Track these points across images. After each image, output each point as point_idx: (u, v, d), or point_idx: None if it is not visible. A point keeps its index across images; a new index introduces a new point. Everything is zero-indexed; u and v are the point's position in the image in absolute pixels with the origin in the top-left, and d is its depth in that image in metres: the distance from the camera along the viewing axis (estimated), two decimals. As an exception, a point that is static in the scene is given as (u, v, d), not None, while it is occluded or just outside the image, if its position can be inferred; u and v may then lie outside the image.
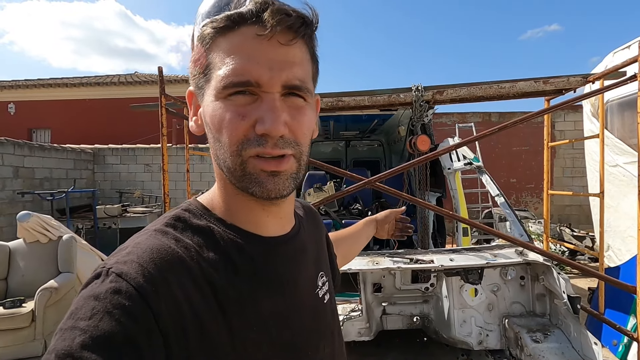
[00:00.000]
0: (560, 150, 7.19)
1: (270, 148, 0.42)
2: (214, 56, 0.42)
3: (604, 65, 3.26)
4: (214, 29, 0.42)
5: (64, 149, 7.28)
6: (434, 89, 2.42)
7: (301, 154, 0.45)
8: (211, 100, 0.43)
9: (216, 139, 0.44)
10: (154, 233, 0.43)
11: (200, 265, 0.42)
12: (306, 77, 0.44)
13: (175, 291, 0.38)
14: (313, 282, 0.56)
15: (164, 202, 2.33)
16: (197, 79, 0.45)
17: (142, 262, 0.38)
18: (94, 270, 0.39)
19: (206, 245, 0.44)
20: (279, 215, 0.51)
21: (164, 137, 2.34)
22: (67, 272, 3.35)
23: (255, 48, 0.41)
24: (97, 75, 12.50)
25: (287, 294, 0.49)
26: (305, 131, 0.45)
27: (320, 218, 0.72)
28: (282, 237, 0.52)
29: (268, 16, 0.40)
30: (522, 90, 2.29)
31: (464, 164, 2.90)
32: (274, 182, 0.43)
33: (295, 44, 0.43)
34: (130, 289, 0.35)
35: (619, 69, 2.03)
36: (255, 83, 0.41)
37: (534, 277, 2.11)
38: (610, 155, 3.10)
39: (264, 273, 0.47)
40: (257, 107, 0.41)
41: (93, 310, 0.34)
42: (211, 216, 0.48)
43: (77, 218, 6.03)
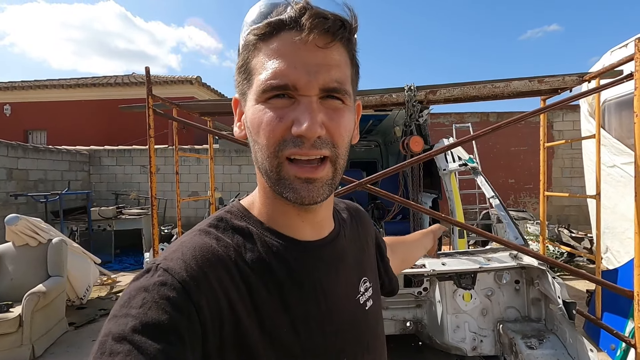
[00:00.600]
0: (559, 150, 7.14)
1: (307, 149, 0.42)
2: (255, 62, 0.44)
3: (602, 64, 3.21)
4: (256, 35, 0.44)
5: (58, 151, 7.23)
6: (427, 88, 2.37)
7: (337, 156, 0.45)
8: (252, 105, 0.45)
9: (255, 141, 0.45)
10: (198, 233, 0.47)
11: (237, 264, 0.45)
12: (344, 80, 0.44)
13: (214, 287, 0.41)
14: (353, 288, 0.56)
15: (151, 206, 2.27)
16: (241, 85, 0.47)
17: (186, 259, 0.42)
18: (146, 266, 0.43)
19: (244, 245, 0.47)
20: (315, 220, 0.52)
21: (152, 139, 2.29)
22: (57, 275, 3.30)
23: (293, 52, 0.42)
24: (95, 76, 12.44)
25: (322, 299, 0.49)
26: (343, 133, 0.45)
27: (368, 220, 0.70)
28: (319, 242, 0.52)
29: (305, 20, 0.41)
30: (517, 89, 2.24)
31: (459, 165, 2.85)
32: (308, 190, 0.43)
33: (334, 46, 0.43)
34: (175, 283, 0.39)
35: (615, 67, 1.98)
36: (293, 87, 0.42)
37: (529, 281, 2.05)
38: (607, 155, 3.05)
39: (298, 277, 0.48)
40: (294, 109, 0.42)
41: (143, 300, 0.38)
42: (250, 218, 0.50)
43: (71, 220, 5.97)
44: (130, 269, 5.72)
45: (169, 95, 9.49)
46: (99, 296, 4.36)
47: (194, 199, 3.45)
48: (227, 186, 7.70)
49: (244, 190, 7.68)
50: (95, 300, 4.24)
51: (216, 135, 2.59)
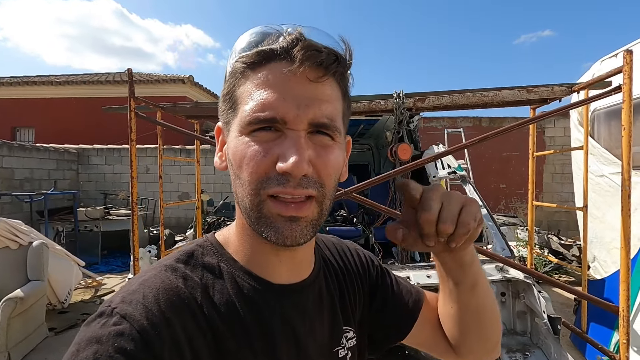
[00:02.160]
0: (549, 156, 7.17)
1: (291, 188, 0.39)
2: (242, 90, 0.42)
3: (592, 73, 3.21)
4: (244, 63, 0.41)
5: (46, 149, 7.09)
6: (416, 96, 2.34)
7: (324, 197, 0.42)
8: (235, 136, 0.42)
9: (237, 175, 0.42)
10: (164, 269, 0.43)
11: (204, 308, 0.41)
12: (335, 116, 0.42)
13: (178, 336, 0.38)
14: (331, 339, 0.51)
15: (132, 210, 2.21)
16: (225, 114, 0.44)
17: (147, 302, 0.38)
18: (99, 308, 0.39)
19: (213, 286, 0.43)
20: (294, 261, 0.48)
21: (133, 143, 2.22)
22: (37, 280, 3.21)
23: (282, 84, 0.39)
24: (85, 73, 12.27)
25: (294, 352, 0.45)
26: (331, 171, 0.42)
27: (355, 251, 0.62)
28: (295, 286, 0.48)
29: (297, 52, 0.39)
30: (506, 99, 2.22)
31: (448, 173, 2.82)
32: (291, 229, 0.40)
33: (326, 81, 0.41)
34: (134, 333, 0.35)
35: (604, 79, 1.96)
36: (281, 120, 0.39)
37: (515, 294, 2.03)
38: (596, 164, 3.05)
39: (269, 325, 0.44)
40: (280, 143, 0.39)
41: (95, 355, 0.34)
42: (224, 255, 0.47)
43: (57, 220, 5.86)
44: (117, 270, 5.62)
45: (160, 95, 9.39)
46: (82, 299, 4.27)
47: (178, 203, 3.39)
48: (218, 187, 7.62)
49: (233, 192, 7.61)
50: (78, 303, 4.15)
51: (201, 141, 2.53)
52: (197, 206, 3.08)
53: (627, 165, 1.74)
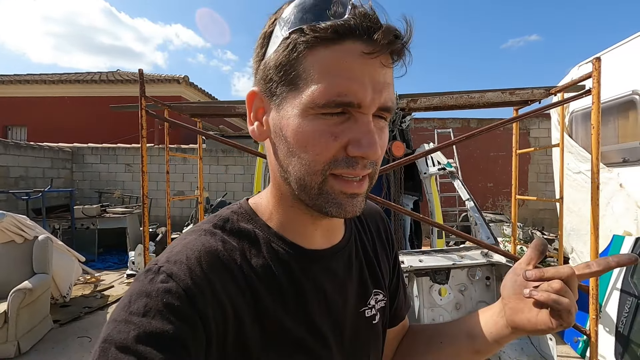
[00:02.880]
0: (534, 156, 7.47)
1: (359, 169, 0.41)
2: (308, 66, 0.39)
3: (570, 77, 3.45)
4: (316, 37, 0.38)
5: (40, 148, 7.11)
6: (409, 97, 2.52)
7: (375, 173, 0.44)
8: (296, 114, 0.40)
9: (293, 153, 0.41)
10: (203, 233, 0.45)
11: (243, 269, 0.44)
12: (394, 99, 0.43)
13: (219, 294, 0.40)
14: (361, 300, 0.54)
15: (142, 204, 2.34)
16: (275, 84, 0.41)
17: (191, 264, 0.40)
18: (147, 265, 0.41)
19: (250, 250, 0.46)
20: (327, 228, 0.51)
21: (144, 139, 2.35)
22: (42, 273, 3.31)
23: (360, 67, 0.38)
24: (78, 72, 12.21)
25: (326, 310, 0.48)
26: (383, 151, 0.44)
27: (387, 226, 0.65)
28: (327, 251, 0.51)
29: (380, 35, 0.37)
30: (490, 100, 2.42)
31: (437, 169, 3.02)
32: (352, 204, 0.42)
33: (392, 66, 0.42)
34: (179, 291, 0.38)
35: (577, 83, 2.17)
36: (357, 105, 0.39)
37: (499, 278, 2.23)
38: (574, 162, 3.29)
39: (303, 287, 0.47)
40: (350, 127, 0.39)
41: (146, 307, 0.36)
42: (257, 221, 0.49)
43: (53, 218, 5.90)
44: (113, 267, 5.69)
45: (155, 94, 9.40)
46: (82, 294, 4.36)
47: (182, 198, 3.50)
48: (214, 186, 7.73)
49: (230, 191, 7.72)
50: (79, 298, 4.23)
51: (205, 137, 2.67)
52: (200, 201, 3.21)
53: (596, 160, 1.95)
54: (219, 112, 2.85)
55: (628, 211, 2.79)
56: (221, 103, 2.96)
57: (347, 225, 0.56)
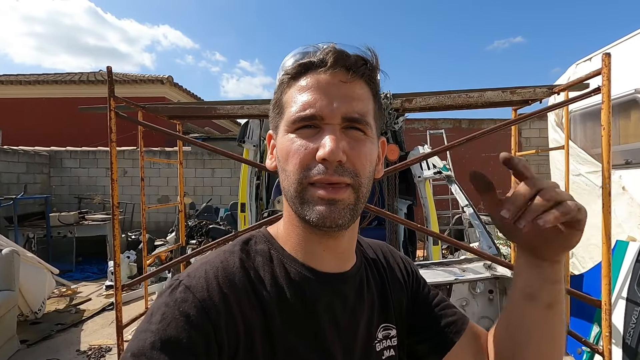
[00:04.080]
0: (526, 157, 7.42)
1: (329, 175, 0.44)
2: (286, 97, 0.49)
3: (567, 76, 3.33)
4: (288, 75, 0.49)
5: (15, 152, 6.75)
6: (403, 96, 2.35)
7: (360, 185, 0.46)
8: (282, 135, 0.48)
9: (283, 169, 0.48)
10: (222, 252, 0.49)
11: (256, 288, 0.46)
12: (366, 112, 0.47)
13: (233, 309, 0.43)
14: (370, 332, 0.53)
15: (112, 215, 2.12)
16: (274, 119, 0.51)
17: (208, 278, 0.44)
18: (169, 283, 0.45)
19: (264, 269, 0.48)
20: (337, 251, 0.51)
21: (113, 144, 2.13)
22: (7, 289, 3.03)
23: (319, 87, 0.46)
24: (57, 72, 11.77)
25: (336, 335, 0.49)
26: (364, 162, 0.46)
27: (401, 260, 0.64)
28: (338, 275, 0.52)
29: (329, 57, 0.46)
30: (490, 99, 2.26)
31: (433, 173, 2.86)
32: (330, 210, 0.44)
33: (356, 82, 0.47)
34: (195, 301, 0.41)
35: (583, 81, 2.03)
36: (319, 116, 0.45)
37: (502, 291, 2.07)
38: (573, 164, 3.17)
39: (313, 309, 0.48)
40: (319, 137, 0.45)
41: (163, 316, 0.40)
42: (273, 243, 0.52)
43: (27, 226, 5.57)
44: (92, 278, 5.40)
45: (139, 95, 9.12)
46: (56, 309, 4.07)
47: (161, 206, 3.28)
48: (200, 190, 7.47)
49: (217, 195, 7.47)
50: (52, 313, 3.95)
51: (185, 141, 2.46)
52: (180, 209, 2.99)
53: (607, 164, 1.80)
54: (198, 113, 2.63)
55: (631, 215, 2.67)
56: (201, 104, 2.74)
57: (357, 254, 0.57)
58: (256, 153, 3.50)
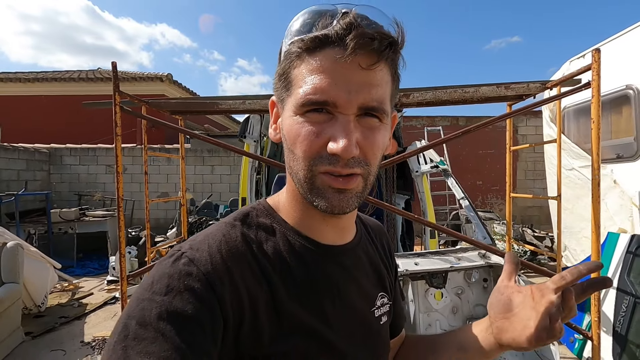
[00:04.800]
0: (522, 153, 7.50)
1: (340, 167, 0.42)
2: (296, 73, 0.44)
3: (562, 72, 3.40)
4: (300, 47, 0.43)
5: (15, 149, 6.78)
6: (401, 92, 2.41)
7: (369, 174, 0.45)
8: (289, 115, 0.45)
9: (290, 150, 0.46)
10: (224, 225, 0.49)
11: (260, 260, 0.46)
12: (384, 99, 0.44)
13: (237, 282, 0.42)
14: (370, 300, 0.56)
15: (117, 207, 2.17)
16: (280, 91, 0.47)
17: (212, 251, 0.44)
18: (170, 251, 0.44)
19: (267, 242, 0.48)
20: (339, 226, 0.53)
21: (118, 138, 2.18)
22: (12, 282, 3.08)
23: (335, 70, 0.41)
24: (56, 70, 11.76)
25: (338, 304, 0.50)
26: (376, 151, 0.45)
27: (389, 241, 0.69)
28: (340, 247, 0.53)
29: (350, 40, 0.40)
30: (485, 95, 2.32)
31: (430, 167, 2.92)
32: (339, 199, 0.44)
33: (378, 67, 0.42)
34: (200, 275, 0.41)
35: (574, 76, 2.09)
36: (332, 104, 0.42)
37: (496, 279, 2.13)
38: (567, 159, 3.24)
39: (316, 279, 0.49)
40: (331, 125, 0.42)
41: (168, 287, 0.39)
42: (275, 216, 0.51)
43: (28, 223, 5.61)
44: (93, 273, 5.44)
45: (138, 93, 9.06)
46: (59, 303, 4.12)
47: (164, 200, 3.32)
48: (199, 187, 7.51)
49: (216, 191, 7.52)
50: (55, 307, 4.00)
51: (188, 135, 2.51)
52: (182, 203, 3.04)
53: (597, 156, 1.87)
54: (200, 108, 2.68)
55: (622, 208, 2.74)
56: (203, 99, 2.79)
57: (357, 227, 0.59)
58: (257, 148, 3.56)
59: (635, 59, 2.70)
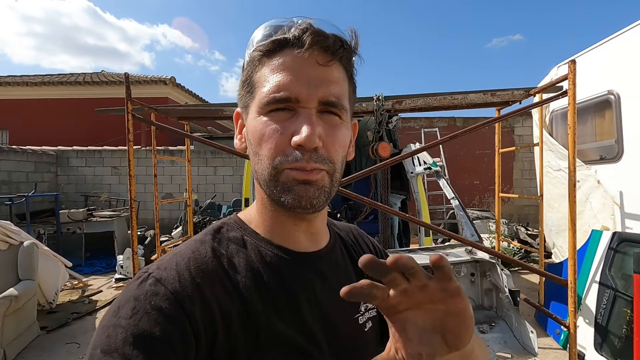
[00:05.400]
0: (519, 153, 7.64)
1: (304, 162, 0.43)
2: (258, 76, 0.46)
3: (550, 77, 3.55)
4: (261, 52, 0.46)
5: (23, 151, 6.97)
6: (394, 98, 2.57)
7: (334, 171, 0.46)
8: (254, 117, 0.46)
9: (255, 152, 0.46)
10: (193, 242, 0.48)
11: (230, 275, 0.45)
12: (342, 95, 0.46)
13: (207, 298, 0.41)
14: (354, 305, 0.53)
15: (130, 208, 2.34)
16: (244, 98, 0.49)
17: (180, 269, 0.43)
18: (137, 273, 0.43)
19: (238, 255, 0.47)
20: (310, 231, 0.52)
21: (131, 143, 2.35)
22: (28, 279, 3.26)
23: (294, 67, 0.44)
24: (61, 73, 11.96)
25: (317, 313, 0.48)
26: (339, 148, 0.46)
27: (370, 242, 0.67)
28: (315, 253, 0.52)
29: (306, 37, 0.43)
30: (473, 101, 2.48)
31: (424, 169, 3.08)
32: (305, 190, 0.44)
33: (333, 65, 0.45)
34: (167, 293, 0.40)
35: (554, 84, 2.25)
36: (294, 99, 0.43)
37: (482, 274, 2.30)
38: (554, 160, 3.39)
39: (291, 288, 0.47)
40: (294, 121, 0.44)
41: (134, 310, 0.38)
42: (246, 229, 0.51)
43: (38, 223, 5.79)
44: (101, 272, 5.62)
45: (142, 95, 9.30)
46: (70, 300, 4.30)
47: (170, 201, 3.50)
48: (202, 187, 7.68)
49: (219, 192, 7.69)
50: (66, 304, 4.17)
51: (193, 139, 2.68)
52: (189, 204, 3.21)
53: (573, 159, 2.03)
54: (206, 115, 2.85)
55: (605, 207, 2.89)
56: (209, 106, 2.96)
57: (331, 232, 0.58)
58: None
59: (615, 65, 2.85)
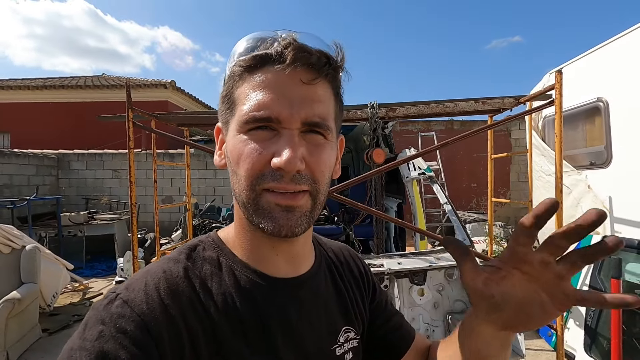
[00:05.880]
0: (515, 157, 7.72)
1: (285, 183, 0.41)
2: (239, 92, 0.44)
3: (542, 84, 3.62)
4: (242, 67, 0.44)
5: (25, 155, 7.04)
6: (388, 106, 2.64)
7: (317, 192, 0.44)
8: (233, 135, 0.44)
9: (234, 171, 0.44)
10: (167, 261, 0.46)
11: (202, 297, 0.43)
12: (327, 115, 0.44)
13: (176, 320, 0.40)
14: (330, 336, 0.51)
15: (131, 213, 2.40)
16: (224, 114, 0.46)
17: (148, 289, 0.41)
18: (106, 294, 0.42)
19: (212, 277, 0.45)
20: (291, 254, 0.49)
21: (131, 150, 2.42)
22: (31, 282, 3.32)
23: (277, 85, 0.42)
24: (62, 77, 12.05)
25: (290, 345, 0.46)
26: (323, 168, 0.44)
27: (361, 264, 0.64)
28: (293, 280, 0.49)
29: (289, 53, 0.41)
30: (464, 109, 2.55)
31: (418, 174, 3.15)
32: (287, 218, 0.42)
33: (318, 82, 0.43)
34: (134, 316, 0.39)
35: (543, 93, 2.32)
36: (276, 119, 0.41)
37: (473, 277, 2.35)
38: (547, 165, 3.46)
39: (264, 317, 0.45)
40: (275, 142, 0.42)
41: (100, 333, 0.37)
42: (223, 249, 0.49)
43: (39, 226, 5.85)
44: (102, 274, 5.68)
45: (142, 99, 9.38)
46: (71, 302, 4.36)
47: (170, 206, 3.57)
48: (202, 190, 7.75)
49: (219, 195, 7.76)
50: (67, 306, 4.24)
51: (192, 147, 2.74)
52: (188, 208, 3.28)
53: (560, 166, 2.10)
54: (205, 122, 2.92)
55: (595, 211, 2.95)
56: (207, 113, 3.03)
57: (316, 255, 0.56)
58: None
59: (604, 73, 2.92)
